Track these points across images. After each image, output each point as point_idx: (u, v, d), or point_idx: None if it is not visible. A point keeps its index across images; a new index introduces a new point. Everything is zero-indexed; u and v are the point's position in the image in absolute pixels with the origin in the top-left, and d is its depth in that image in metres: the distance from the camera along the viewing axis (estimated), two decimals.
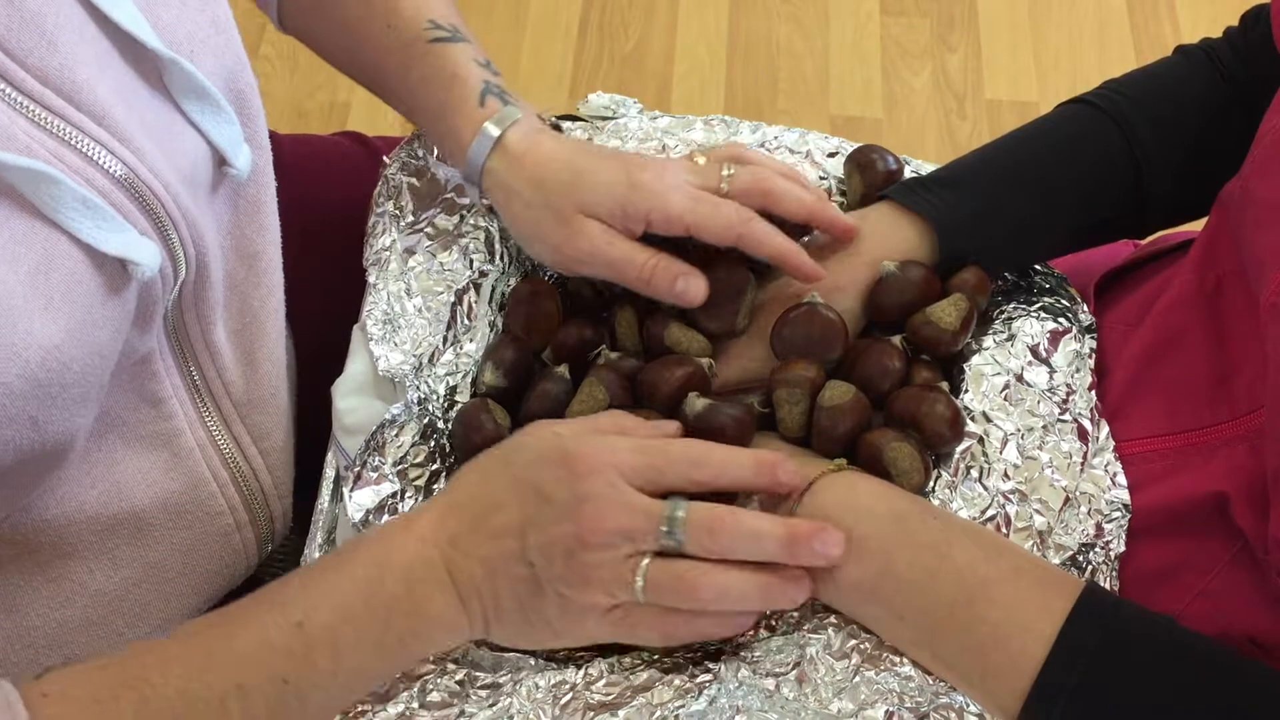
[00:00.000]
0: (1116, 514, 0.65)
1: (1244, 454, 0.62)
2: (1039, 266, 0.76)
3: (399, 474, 0.66)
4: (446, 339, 0.71)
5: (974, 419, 0.67)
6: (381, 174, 0.78)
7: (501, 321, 0.73)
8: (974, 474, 0.65)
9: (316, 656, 0.54)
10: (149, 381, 0.63)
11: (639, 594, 0.55)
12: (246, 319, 0.68)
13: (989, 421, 0.67)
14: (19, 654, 0.64)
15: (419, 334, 0.71)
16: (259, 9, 0.79)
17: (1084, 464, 0.66)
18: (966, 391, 0.68)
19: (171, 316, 0.62)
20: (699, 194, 0.67)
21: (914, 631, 0.58)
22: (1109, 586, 0.64)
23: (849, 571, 0.58)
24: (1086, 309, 0.73)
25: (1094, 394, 0.69)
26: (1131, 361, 0.70)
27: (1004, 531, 0.64)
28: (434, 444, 0.68)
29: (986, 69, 1.85)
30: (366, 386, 0.71)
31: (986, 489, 0.65)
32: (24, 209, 0.50)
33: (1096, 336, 0.72)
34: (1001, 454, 0.66)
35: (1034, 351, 0.70)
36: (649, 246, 0.67)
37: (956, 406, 0.65)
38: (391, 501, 0.65)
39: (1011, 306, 0.72)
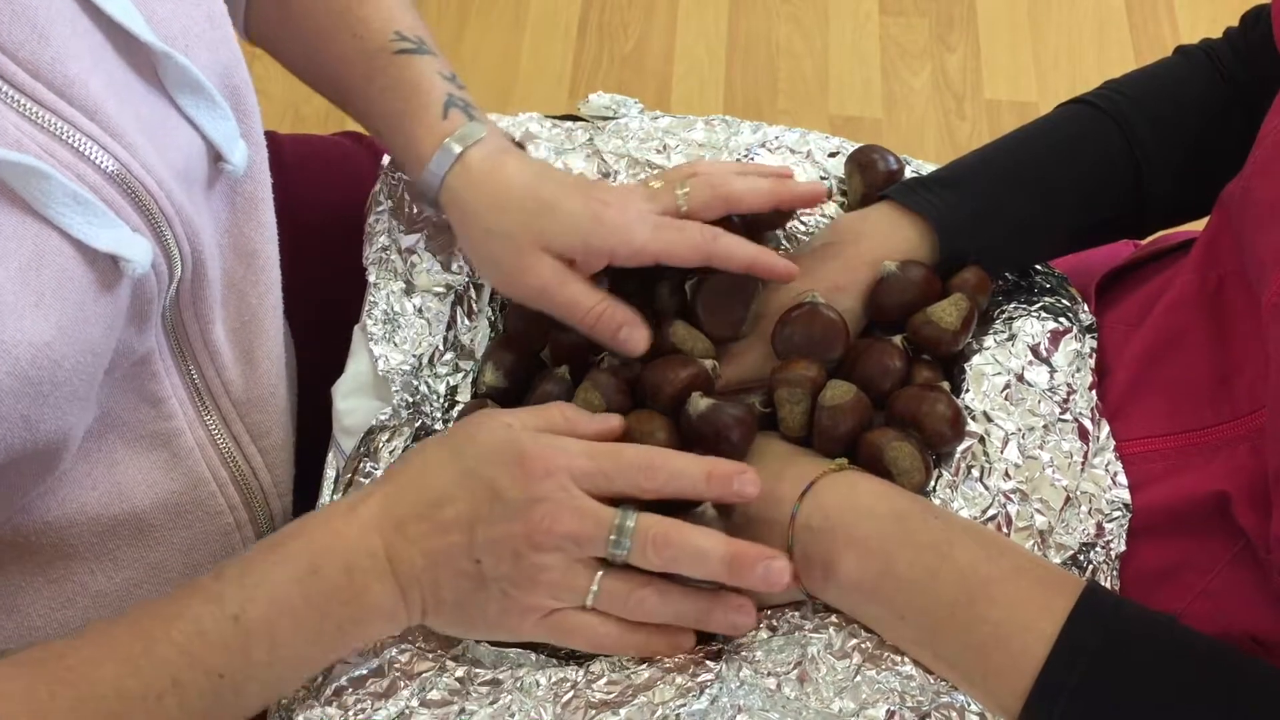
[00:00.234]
0: (1117, 514, 0.65)
1: (1245, 454, 0.62)
2: (1039, 266, 0.76)
3: None
4: (447, 339, 0.71)
5: (975, 418, 0.67)
6: (380, 173, 0.78)
7: (501, 322, 0.73)
8: (975, 473, 0.65)
9: (253, 649, 0.54)
10: (148, 381, 0.62)
11: (589, 601, 0.56)
12: (245, 317, 0.68)
13: (990, 421, 0.67)
14: None
15: (419, 333, 0.71)
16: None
17: (1085, 463, 0.66)
18: (967, 391, 0.68)
19: (170, 315, 0.62)
20: (661, 221, 0.67)
21: (915, 631, 0.58)
22: (1110, 586, 0.64)
23: (850, 571, 0.58)
24: (1087, 309, 0.73)
25: (1095, 394, 0.69)
26: (1132, 361, 0.70)
27: (1005, 531, 0.64)
28: None
29: (986, 69, 1.85)
30: (367, 387, 0.71)
31: (987, 488, 0.65)
32: (14, 204, 0.50)
33: (1097, 336, 0.72)
34: (1002, 453, 0.66)
35: (1035, 351, 0.70)
36: (600, 289, 0.67)
37: (957, 406, 0.65)
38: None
39: (1012, 306, 0.72)
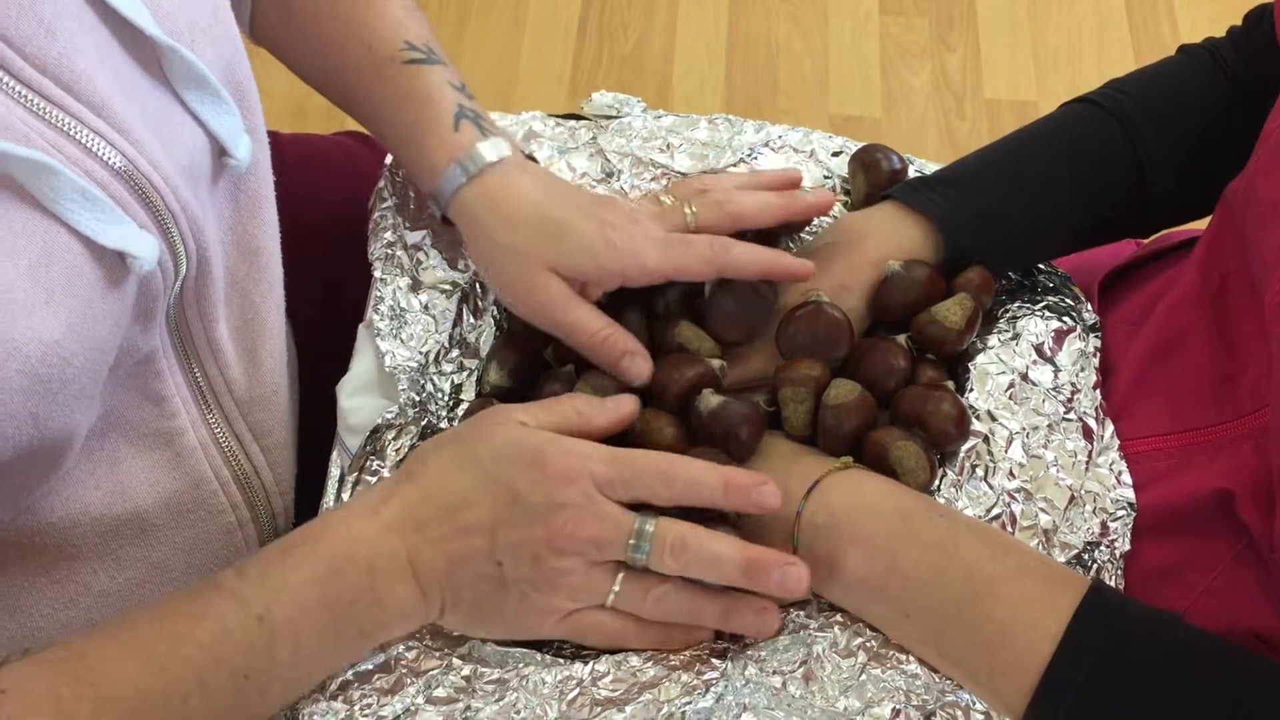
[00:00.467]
0: (1122, 513, 0.65)
1: (1248, 453, 0.62)
2: (1042, 266, 0.76)
3: None
4: (453, 336, 0.71)
5: (979, 418, 0.67)
6: (384, 170, 0.78)
7: (506, 320, 0.73)
8: (979, 473, 0.65)
9: (277, 650, 0.54)
10: (152, 380, 0.62)
11: (608, 602, 0.57)
12: (248, 315, 0.68)
13: (994, 420, 0.67)
14: None
15: (426, 330, 0.71)
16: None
17: (1089, 463, 0.66)
18: (971, 390, 0.68)
19: (173, 314, 0.62)
20: (670, 239, 0.68)
21: (920, 629, 0.58)
22: (1115, 585, 0.64)
23: (855, 569, 0.58)
24: (1090, 308, 0.74)
25: (1098, 393, 0.69)
26: (1136, 360, 0.70)
27: (1009, 530, 0.64)
28: None
29: (985, 68, 1.85)
30: (371, 385, 0.71)
31: (992, 488, 0.65)
32: (23, 201, 0.50)
33: (1101, 335, 0.72)
34: (1007, 453, 0.66)
35: (1039, 350, 0.70)
36: (604, 314, 0.67)
37: (962, 405, 0.66)
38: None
39: (1016, 306, 0.73)
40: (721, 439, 0.63)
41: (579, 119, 0.82)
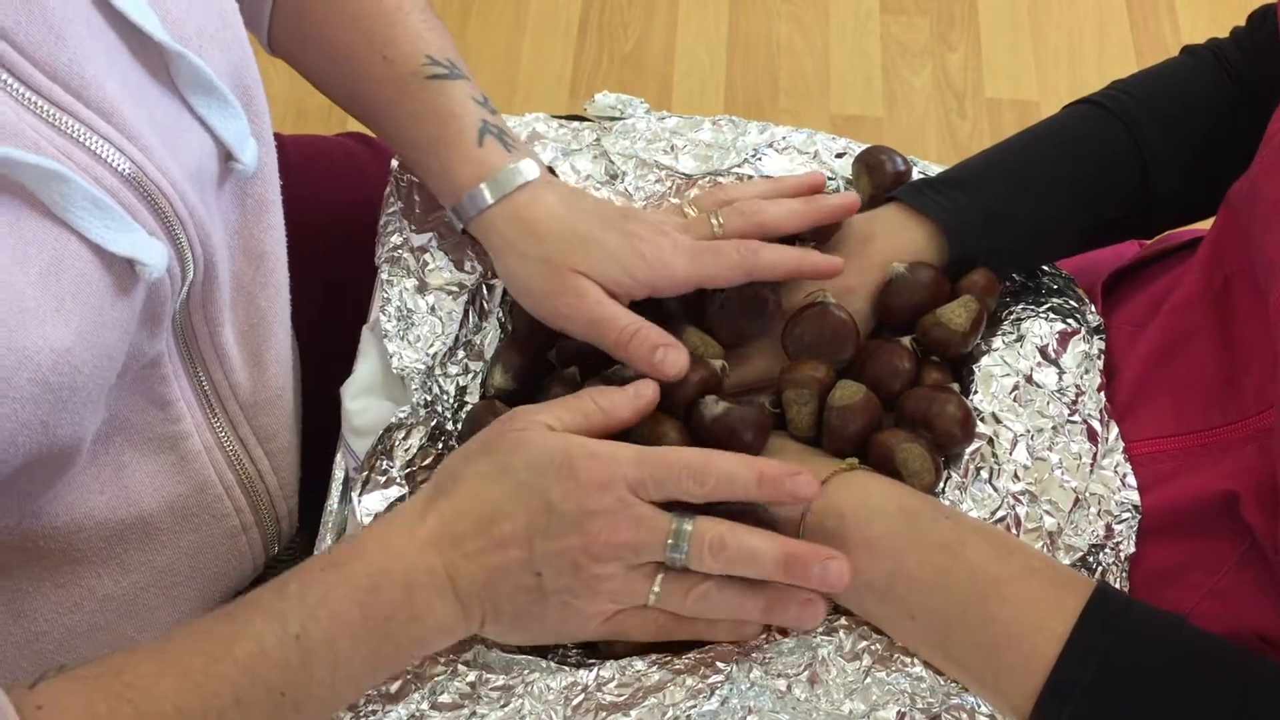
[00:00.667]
0: (1126, 515, 0.65)
1: (1253, 454, 0.62)
2: (1046, 267, 0.76)
3: (407, 477, 0.66)
4: (458, 338, 0.71)
5: (984, 420, 0.67)
6: (391, 174, 0.78)
7: (510, 323, 0.73)
8: (984, 475, 0.65)
9: (314, 668, 0.54)
10: (157, 384, 0.62)
11: (650, 603, 0.57)
12: (254, 320, 0.68)
13: (998, 423, 0.67)
14: (27, 660, 0.64)
15: (431, 332, 0.71)
16: (248, 29, 0.78)
17: (1094, 465, 0.66)
18: (976, 393, 0.68)
19: (179, 318, 0.62)
20: (697, 247, 0.68)
21: (926, 631, 0.58)
22: (1119, 587, 0.64)
23: (861, 570, 0.58)
24: (1094, 309, 0.74)
25: (1103, 395, 0.69)
26: (1140, 362, 0.70)
27: (1014, 532, 0.64)
28: (442, 446, 0.68)
29: (987, 68, 1.85)
30: (376, 387, 0.71)
31: (996, 490, 0.65)
32: (34, 209, 0.49)
33: (1105, 337, 0.72)
34: (1011, 455, 0.66)
35: (1043, 352, 0.70)
36: (633, 313, 0.67)
37: (968, 407, 0.66)
38: (400, 505, 0.65)
39: (1020, 307, 0.73)
40: (726, 443, 0.63)
41: (582, 120, 0.82)
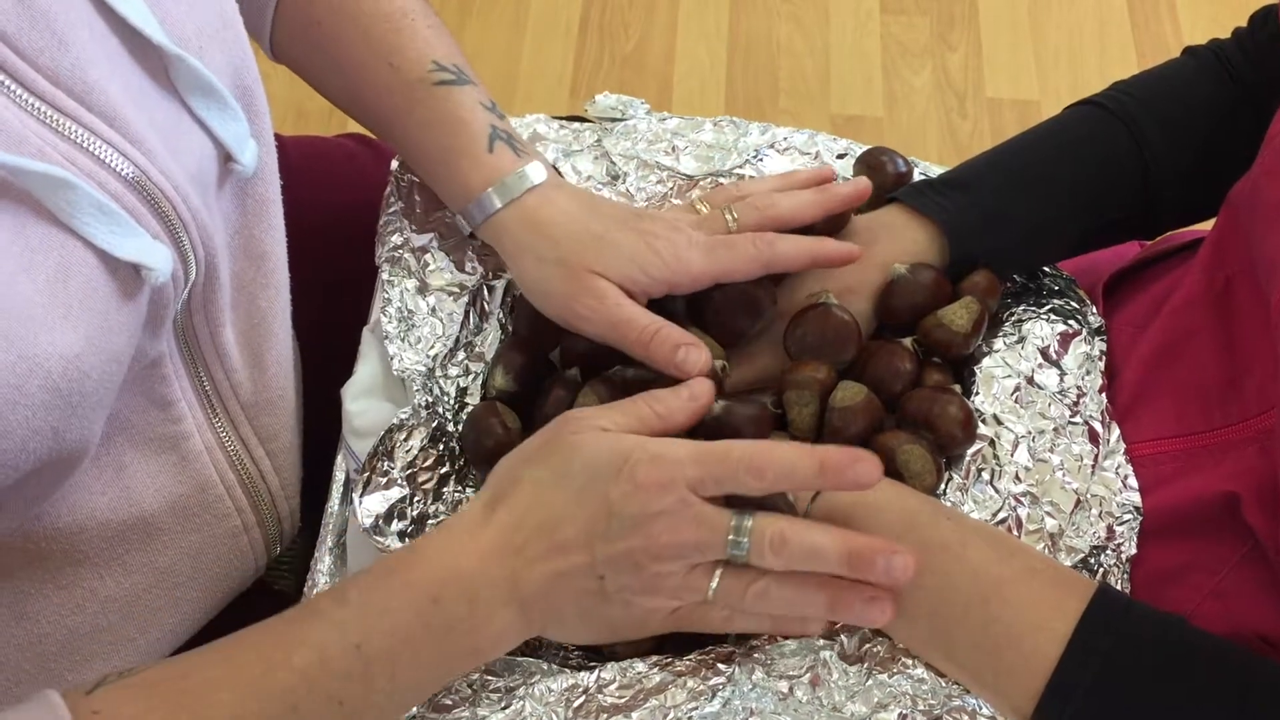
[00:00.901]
0: (1128, 516, 0.65)
1: (1254, 455, 0.62)
2: (1047, 268, 0.76)
3: (408, 479, 0.66)
4: (459, 340, 0.71)
5: (985, 421, 0.67)
6: (391, 174, 0.78)
7: (512, 324, 0.73)
8: (985, 476, 0.65)
9: (374, 678, 0.53)
10: (159, 385, 0.62)
11: (709, 599, 0.56)
12: (255, 320, 0.68)
13: (1000, 424, 0.67)
14: (30, 661, 0.64)
15: (432, 334, 0.71)
16: (249, 35, 0.78)
17: (1095, 466, 0.66)
18: (977, 394, 0.68)
19: (180, 319, 0.62)
20: (712, 242, 0.68)
21: (927, 632, 0.58)
22: (1120, 589, 0.64)
23: None
24: (1095, 311, 0.73)
25: (1104, 396, 0.69)
26: (1141, 363, 0.70)
27: (1015, 534, 0.64)
28: (443, 447, 0.68)
29: (987, 67, 1.85)
30: (376, 389, 0.71)
31: (998, 491, 0.65)
32: (40, 215, 0.49)
33: (1106, 338, 0.72)
34: (1013, 456, 0.66)
35: (1044, 354, 0.70)
36: (653, 313, 0.67)
37: (969, 408, 0.66)
38: (401, 506, 0.65)
39: (1021, 309, 0.72)
40: None
41: (583, 121, 0.82)
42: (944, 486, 0.65)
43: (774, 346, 0.70)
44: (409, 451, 0.66)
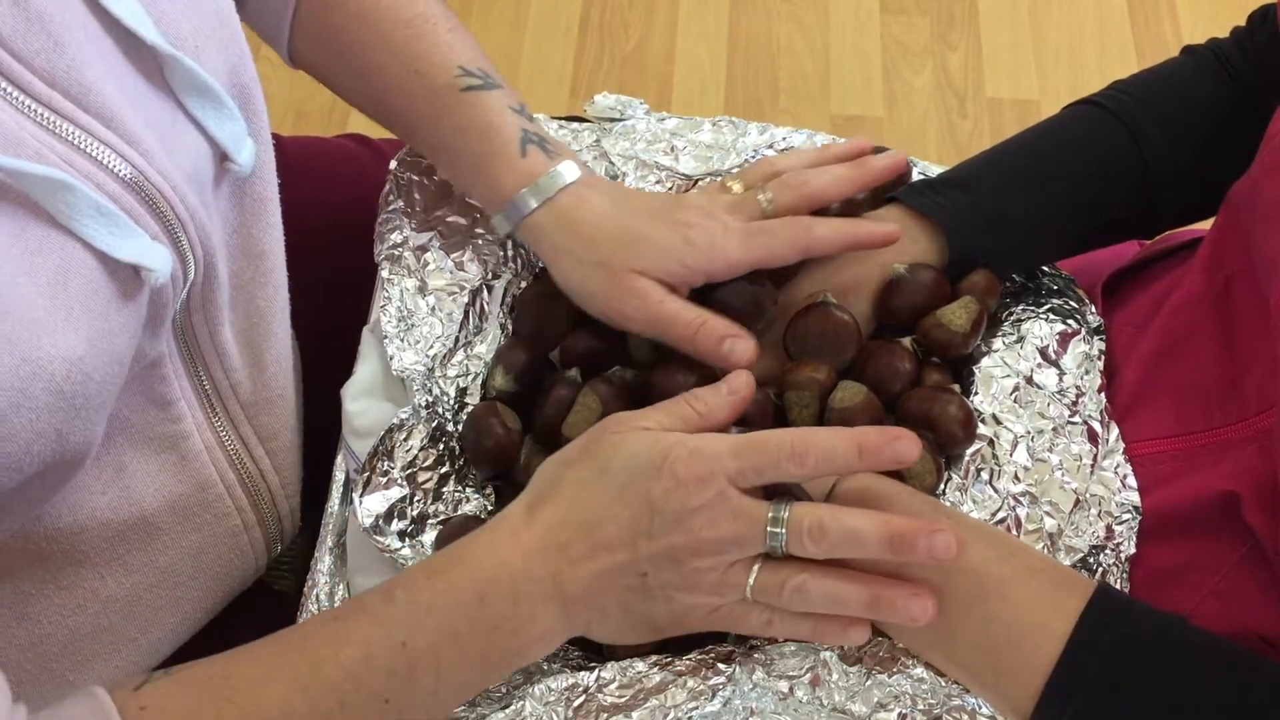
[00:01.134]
0: (1127, 516, 0.65)
1: (1254, 455, 0.62)
2: (1046, 268, 0.76)
3: (408, 478, 0.66)
4: (458, 339, 0.71)
5: (984, 421, 0.67)
6: (390, 173, 0.78)
7: (511, 323, 0.73)
8: (984, 476, 0.65)
9: (419, 675, 0.54)
10: (158, 384, 0.62)
11: (748, 595, 0.56)
12: (253, 319, 0.68)
13: (999, 424, 0.67)
14: (32, 661, 0.64)
15: (432, 333, 0.71)
16: (265, 43, 0.77)
17: (1094, 466, 0.66)
18: (976, 394, 0.68)
19: (179, 319, 0.62)
20: (749, 229, 0.67)
21: (928, 631, 0.58)
22: (1120, 588, 0.64)
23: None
24: (1094, 310, 0.74)
25: (1103, 396, 0.69)
26: (1140, 363, 0.70)
27: (1015, 534, 0.64)
28: (443, 447, 0.68)
29: (987, 67, 1.85)
30: (376, 389, 0.71)
31: (997, 491, 0.65)
32: (39, 218, 0.50)
33: (1105, 338, 0.72)
34: (1012, 456, 0.66)
35: (1043, 353, 0.70)
36: (698, 305, 0.66)
37: (969, 408, 0.66)
38: (401, 506, 0.65)
39: (1020, 308, 0.73)
40: None
41: (582, 121, 0.82)
42: (943, 486, 0.65)
43: (774, 347, 0.70)
44: (409, 451, 0.66)
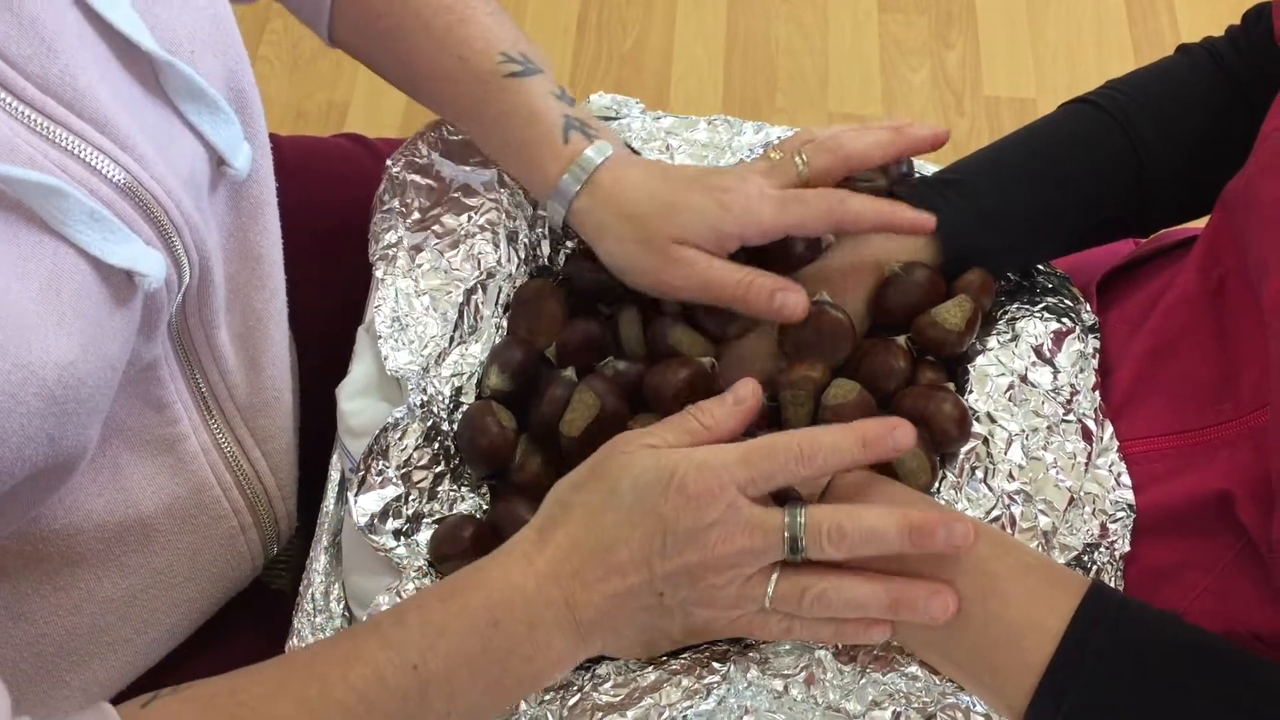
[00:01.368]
0: (1121, 514, 0.65)
1: (1247, 453, 0.62)
2: (1041, 266, 0.76)
3: (403, 478, 0.66)
4: (453, 339, 0.71)
5: (978, 420, 0.67)
6: (385, 173, 0.78)
7: (506, 322, 0.73)
8: (979, 475, 0.65)
9: (432, 699, 0.53)
10: (154, 387, 0.62)
11: (766, 605, 0.56)
12: (250, 322, 0.68)
13: (994, 422, 0.67)
14: (29, 662, 0.64)
15: (426, 333, 0.71)
16: (305, 25, 0.78)
17: (1088, 464, 0.66)
18: (971, 392, 0.68)
19: (175, 322, 0.62)
20: (784, 195, 0.67)
21: (924, 630, 0.58)
22: (1114, 586, 0.64)
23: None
24: (1089, 309, 0.74)
25: (1098, 394, 0.69)
26: (1135, 361, 0.70)
27: (1009, 532, 0.64)
28: (438, 447, 0.68)
29: (985, 66, 1.85)
30: (371, 388, 0.71)
31: (991, 490, 0.65)
32: (31, 223, 0.49)
33: (1100, 336, 0.72)
34: (1006, 455, 0.66)
35: (1038, 352, 0.70)
36: (744, 265, 0.67)
37: (964, 406, 0.66)
38: (396, 505, 0.65)
39: (1015, 307, 0.73)
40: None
41: None
42: (938, 484, 0.65)
43: (768, 346, 0.70)
44: (404, 450, 0.66)
